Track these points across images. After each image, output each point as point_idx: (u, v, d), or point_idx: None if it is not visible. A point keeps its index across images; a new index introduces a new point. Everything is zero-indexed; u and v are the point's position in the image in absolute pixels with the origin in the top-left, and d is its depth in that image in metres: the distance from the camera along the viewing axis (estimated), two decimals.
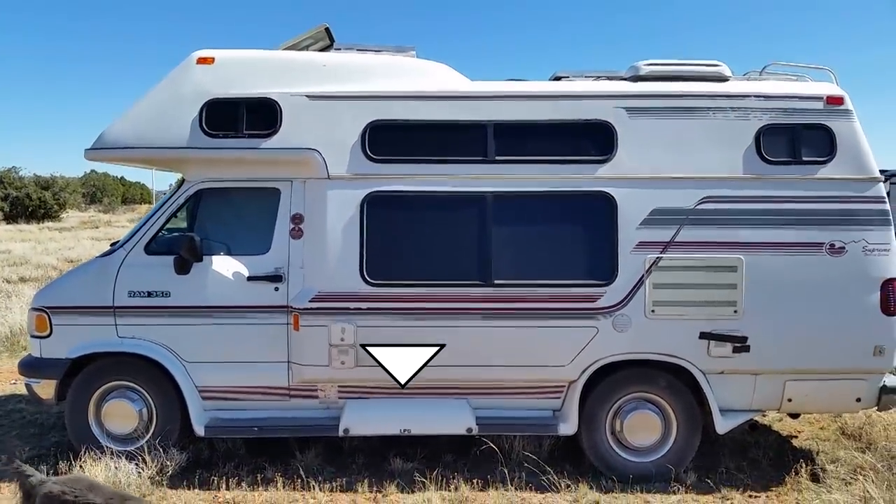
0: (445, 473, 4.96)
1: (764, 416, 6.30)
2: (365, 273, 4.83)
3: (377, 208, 4.87)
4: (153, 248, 5.02)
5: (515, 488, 4.83)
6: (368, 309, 4.84)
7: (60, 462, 4.94)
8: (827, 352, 4.86)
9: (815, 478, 4.96)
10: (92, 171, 65.69)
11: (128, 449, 4.98)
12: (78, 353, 4.97)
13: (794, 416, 5.72)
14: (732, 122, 4.89)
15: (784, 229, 4.82)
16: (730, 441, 5.65)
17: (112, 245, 5.29)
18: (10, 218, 38.51)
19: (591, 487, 4.82)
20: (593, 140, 4.91)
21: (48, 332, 5.01)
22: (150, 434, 5.05)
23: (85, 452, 4.87)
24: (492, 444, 4.99)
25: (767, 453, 5.47)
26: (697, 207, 4.84)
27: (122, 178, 74.01)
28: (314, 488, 4.77)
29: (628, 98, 4.92)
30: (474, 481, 4.83)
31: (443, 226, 4.91)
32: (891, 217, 4.87)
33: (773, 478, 5.06)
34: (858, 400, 4.98)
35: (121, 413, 5.04)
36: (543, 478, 4.87)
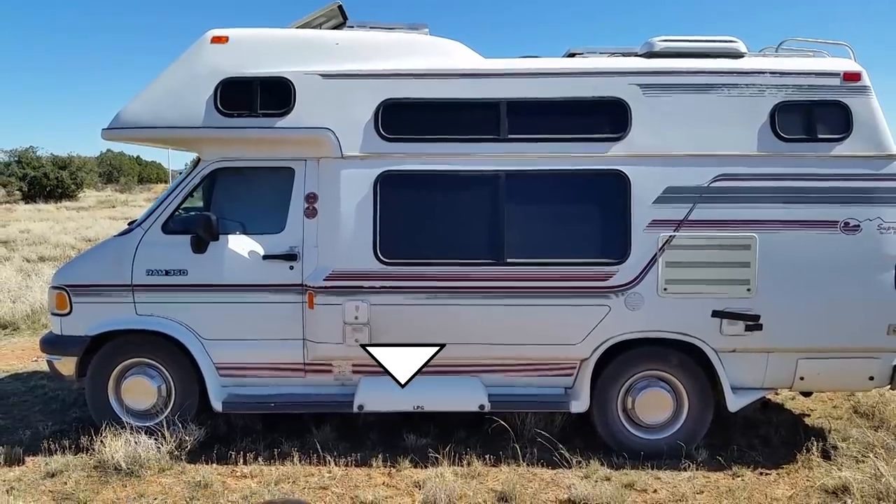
0: (458, 449, 5.02)
1: (777, 394, 6.32)
2: (378, 252, 4.87)
3: (390, 187, 4.89)
4: (170, 227, 5.08)
5: (527, 464, 4.89)
6: (382, 287, 4.88)
7: (82, 437, 5.04)
8: (840, 330, 4.85)
9: (826, 455, 4.99)
10: (108, 150, 66.11)
11: (147, 424, 5.09)
12: (97, 330, 5.06)
13: (807, 394, 5.74)
14: (747, 98, 4.85)
15: (798, 207, 4.80)
16: (742, 419, 5.67)
17: (130, 224, 5.36)
18: (29, 198, 38.93)
19: (602, 464, 4.87)
20: (607, 118, 4.89)
21: (68, 309, 5.10)
22: (168, 410, 5.16)
23: (105, 428, 4.98)
24: (503, 423, 5.04)
25: (779, 431, 5.48)
26: (711, 185, 4.82)
27: (138, 157, 74.36)
28: (329, 462, 4.86)
29: (642, 75, 4.89)
30: (486, 457, 4.91)
31: (455, 205, 4.93)
32: None
33: (784, 456, 5.08)
34: (871, 378, 4.97)
35: (140, 389, 5.14)
36: (555, 454, 4.92)
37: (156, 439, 4.90)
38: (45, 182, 40.11)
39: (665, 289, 4.83)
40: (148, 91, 5.04)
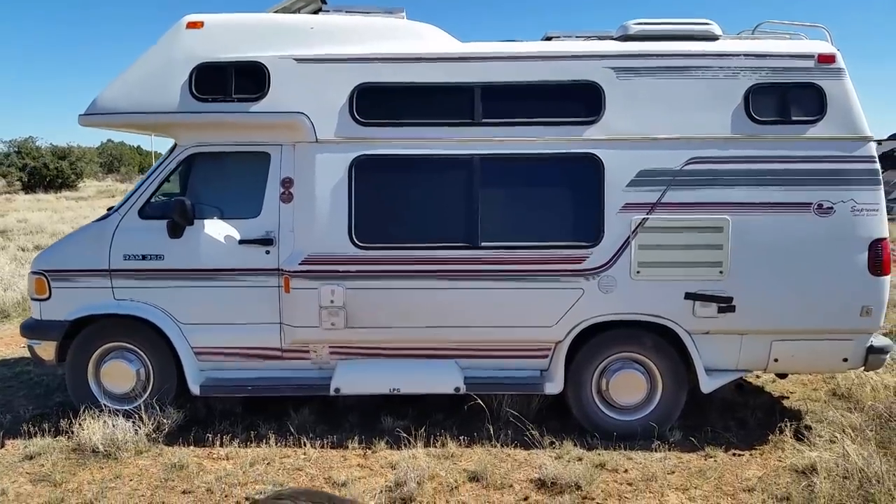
0: (434, 431, 5.07)
1: (757, 377, 6.36)
2: (353, 236, 4.89)
3: (365, 172, 4.91)
4: (147, 212, 5.11)
5: (501, 445, 4.93)
6: (357, 272, 4.91)
7: (62, 421, 5.09)
8: (814, 312, 4.88)
9: (800, 437, 5.01)
10: (109, 140, 66.08)
11: (126, 408, 5.14)
12: (76, 315, 5.10)
13: (782, 376, 5.77)
14: (721, 81, 4.85)
15: (772, 189, 4.81)
16: (719, 401, 5.71)
17: (109, 210, 5.39)
18: (29, 188, 38.97)
19: (575, 444, 4.91)
20: (581, 101, 4.90)
21: (47, 294, 5.14)
22: (147, 393, 5.21)
23: (84, 411, 5.03)
24: (480, 402, 5.07)
25: (755, 413, 5.52)
26: (684, 168, 4.83)
27: (139, 147, 74.33)
28: (306, 444, 4.91)
29: (616, 58, 4.90)
30: (461, 438, 4.95)
31: (430, 189, 4.95)
32: (880, 177, 4.84)
33: (759, 437, 5.11)
34: (845, 360, 5.00)
35: (119, 373, 5.18)
36: (529, 435, 4.96)
37: (133, 422, 4.95)
38: (45, 172, 40.13)
39: (638, 271, 4.85)
40: (124, 76, 5.06)
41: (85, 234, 5.25)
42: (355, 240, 4.89)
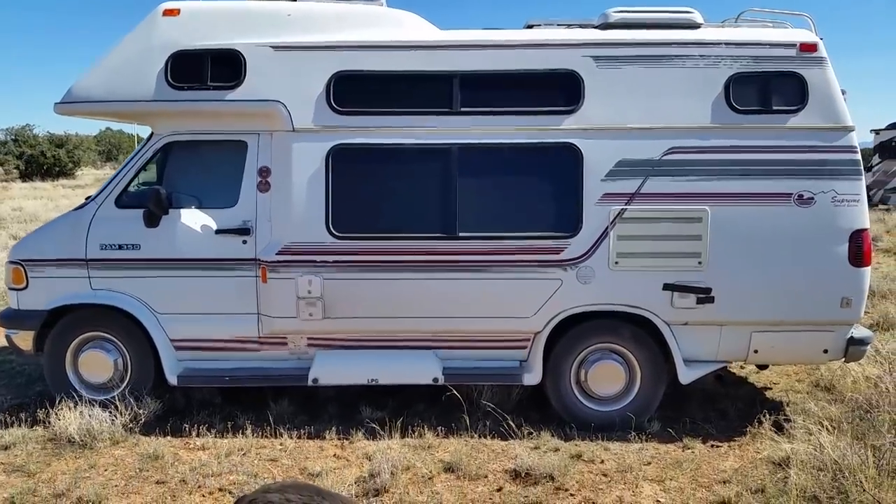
0: (413, 421, 5.06)
1: (742, 367, 6.34)
2: (331, 226, 4.86)
3: (342, 161, 4.87)
4: (123, 201, 5.08)
5: (479, 436, 4.92)
6: (335, 262, 4.88)
7: (39, 411, 5.08)
8: (794, 303, 4.85)
9: (779, 429, 4.99)
10: (107, 128, 65.71)
11: (104, 398, 5.12)
12: (53, 304, 5.08)
13: (763, 367, 5.75)
14: (702, 70, 4.81)
15: (751, 180, 4.77)
16: (701, 392, 5.70)
17: (87, 199, 5.35)
18: (26, 176, 38.87)
19: (553, 435, 4.90)
20: (560, 90, 4.86)
21: (24, 284, 5.12)
22: (125, 383, 5.19)
23: (61, 401, 5.01)
24: (456, 393, 5.06)
25: (736, 404, 5.50)
26: (664, 158, 4.79)
27: (137, 135, 74.12)
28: (283, 435, 4.89)
29: (596, 46, 4.85)
30: (439, 429, 4.93)
31: (407, 179, 4.92)
32: (861, 167, 4.80)
33: (738, 429, 5.09)
34: (825, 351, 4.99)
35: (96, 363, 5.17)
36: (508, 426, 4.94)
37: (110, 413, 4.94)
38: (42, 160, 40.01)
39: (616, 262, 4.82)
40: (101, 64, 5.02)
41: (62, 223, 5.22)
42: (332, 230, 4.86)
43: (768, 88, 4.78)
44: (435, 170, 4.87)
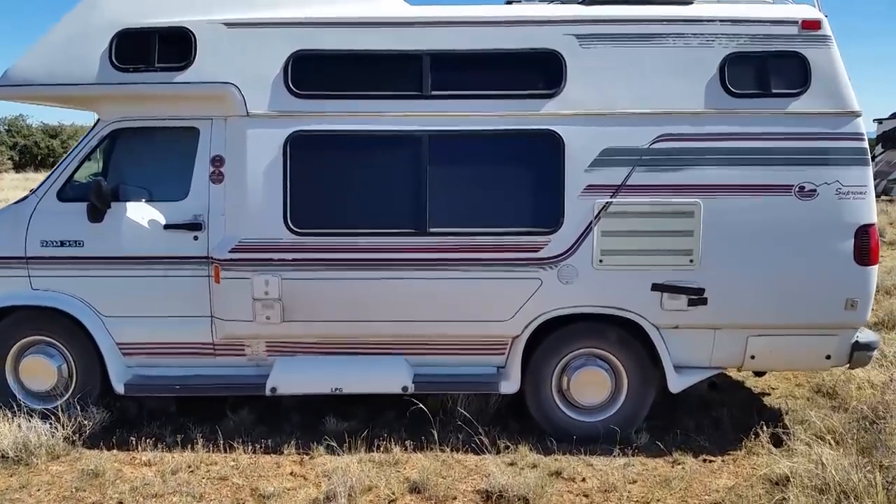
0: (382, 433, 4.67)
1: (739, 370, 5.94)
2: (289, 221, 4.45)
3: (301, 149, 4.45)
4: (66, 194, 4.68)
5: (452, 449, 4.53)
6: (294, 260, 4.47)
7: None
8: (793, 305, 4.45)
9: (777, 441, 4.59)
10: None
11: (48, 407, 4.73)
12: None
13: (760, 373, 5.35)
14: (695, 49, 4.39)
15: (748, 170, 4.36)
16: (695, 398, 5.31)
17: (31, 192, 4.94)
18: (20, 166, 38.46)
19: (532, 449, 4.50)
20: (540, 72, 4.44)
21: None
22: (70, 392, 4.79)
23: None
24: (424, 408, 4.65)
25: (732, 412, 5.11)
26: (652, 146, 4.38)
27: None
28: (238, 449, 4.49)
29: (579, 24, 4.42)
30: (408, 442, 4.53)
31: (373, 169, 4.51)
32: (869, 157, 4.39)
33: (733, 440, 4.71)
34: (828, 357, 4.59)
35: (39, 369, 4.77)
36: (478, 438, 4.55)
37: (51, 424, 4.54)
38: (36, 151, 39.62)
39: (601, 260, 4.42)
40: (40, 45, 4.60)
41: (1, 218, 4.80)
42: (291, 225, 4.45)
43: (767, 70, 4.36)
44: (403, 159, 4.45)
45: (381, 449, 4.48)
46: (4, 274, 4.66)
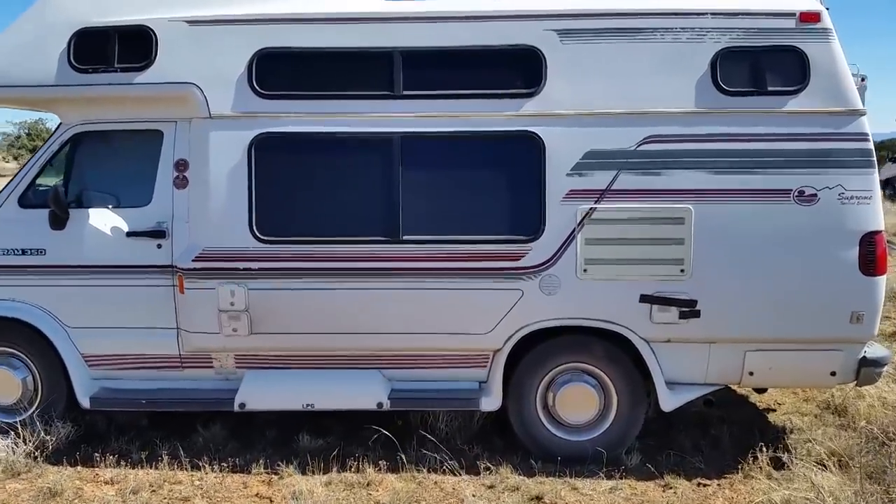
0: (356, 451, 4.43)
1: (738, 387, 5.62)
2: (254, 228, 4.23)
3: (267, 152, 4.23)
4: (28, 199, 4.50)
5: (429, 469, 4.27)
6: (260, 269, 4.25)
7: None
8: (794, 318, 4.14)
9: (779, 465, 4.27)
10: None
11: (12, 421, 4.55)
12: None
13: (762, 390, 5.03)
14: (684, 45, 4.10)
15: (743, 174, 4.07)
16: (694, 415, 4.99)
17: None
18: None
19: (514, 470, 4.23)
20: (518, 70, 4.18)
21: None
22: (35, 406, 4.61)
23: None
24: (384, 432, 4.40)
25: (732, 430, 4.79)
26: (639, 149, 4.09)
27: None
28: (205, 467, 4.28)
29: (560, 18, 4.15)
30: (383, 462, 4.28)
31: (343, 173, 4.27)
32: (874, 159, 4.07)
33: (732, 461, 4.40)
34: (833, 374, 4.27)
35: (3, 382, 4.59)
36: (456, 459, 4.29)
37: (12, 439, 4.37)
38: None
39: (585, 270, 4.14)
40: None
41: None
42: (257, 232, 4.23)
43: (762, 66, 4.06)
44: (374, 163, 4.22)
45: (354, 469, 4.24)
46: None
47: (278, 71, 4.22)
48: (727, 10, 4.09)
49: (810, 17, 4.04)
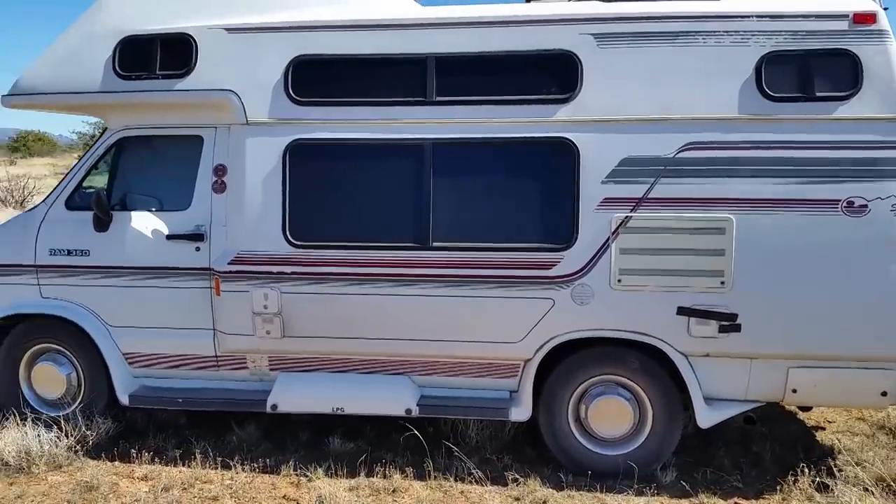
0: (385, 456, 4.44)
1: (780, 405, 5.39)
2: (288, 233, 4.27)
3: (301, 158, 4.26)
4: (74, 202, 4.65)
5: (456, 478, 4.23)
6: (293, 273, 4.28)
7: None
8: (841, 334, 3.94)
9: (823, 488, 4.07)
10: None
11: (58, 415, 4.71)
12: (3, 313, 4.70)
13: (806, 409, 4.81)
14: (727, 49, 3.94)
15: (788, 183, 3.88)
16: (736, 430, 4.83)
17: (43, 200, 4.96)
18: None
19: (543, 483, 4.16)
20: (553, 75, 4.10)
21: None
22: (79, 400, 4.77)
23: (5, 417, 4.64)
24: (417, 433, 4.36)
25: (775, 448, 4.61)
26: (679, 156, 3.96)
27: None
28: (236, 466, 4.34)
29: (597, 22, 4.05)
30: (410, 468, 4.26)
31: (375, 179, 4.27)
32: None
33: (773, 482, 4.23)
34: (884, 394, 4.05)
35: (49, 377, 4.76)
36: (483, 469, 4.24)
37: (56, 433, 4.51)
38: None
39: (619, 280, 4.03)
40: (48, 54, 4.61)
41: (13, 225, 4.84)
42: (290, 237, 4.26)
43: (811, 70, 3.87)
44: (405, 169, 4.19)
45: (380, 474, 4.23)
46: (16, 281, 4.67)
47: (313, 78, 4.25)
48: (773, 13, 3.91)
49: (865, 19, 3.83)
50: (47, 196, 4.74)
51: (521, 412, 4.29)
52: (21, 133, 43.99)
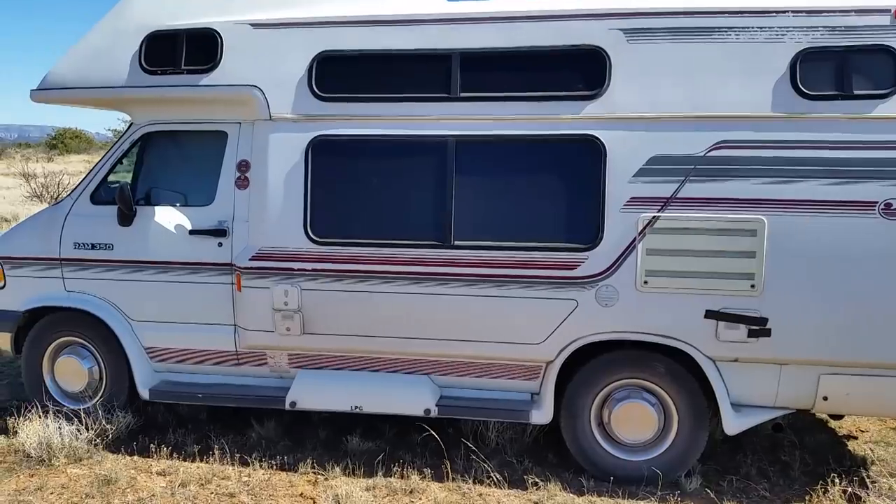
0: (403, 456, 4.39)
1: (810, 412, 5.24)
2: (309, 230, 4.23)
3: (324, 155, 4.23)
4: (99, 196, 4.67)
5: (475, 481, 4.16)
6: (314, 270, 4.25)
7: (9, 418, 4.74)
8: (875, 340, 3.81)
9: (855, 499, 3.95)
10: None
11: (80, 408, 4.73)
12: (27, 306, 4.74)
13: (837, 417, 4.66)
14: (761, 45, 3.82)
15: (823, 183, 3.76)
16: (765, 438, 4.71)
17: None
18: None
19: (563, 488, 4.08)
20: (580, 71, 4.01)
21: (2, 283, 4.80)
22: (101, 394, 4.78)
23: (28, 408, 4.67)
24: (433, 433, 4.30)
25: (805, 457, 4.48)
26: (709, 155, 3.85)
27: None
28: (255, 463, 4.32)
29: (626, 17, 3.96)
30: (427, 470, 4.21)
31: (397, 176, 4.21)
32: None
33: (800, 491, 4.11)
34: None
35: (71, 370, 4.79)
36: (502, 472, 4.17)
37: (77, 426, 4.53)
38: None
39: (645, 281, 3.93)
40: (76, 49, 4.64)
41: (39, 219, 4.88)
42: (311, 234, 4.23)
43: (849, 67, 3.73)
44: (427, 166, 4.14)
45: (398, 475, 4.18)
46: (41, 275, 4.70)
47: (337, 74, 4.21)
48: (810, 8, 3.78)
49: None
50: (73, 190, 4.77)
51: (542, 415, 4.21)
52: (59, 130, 44.91)
